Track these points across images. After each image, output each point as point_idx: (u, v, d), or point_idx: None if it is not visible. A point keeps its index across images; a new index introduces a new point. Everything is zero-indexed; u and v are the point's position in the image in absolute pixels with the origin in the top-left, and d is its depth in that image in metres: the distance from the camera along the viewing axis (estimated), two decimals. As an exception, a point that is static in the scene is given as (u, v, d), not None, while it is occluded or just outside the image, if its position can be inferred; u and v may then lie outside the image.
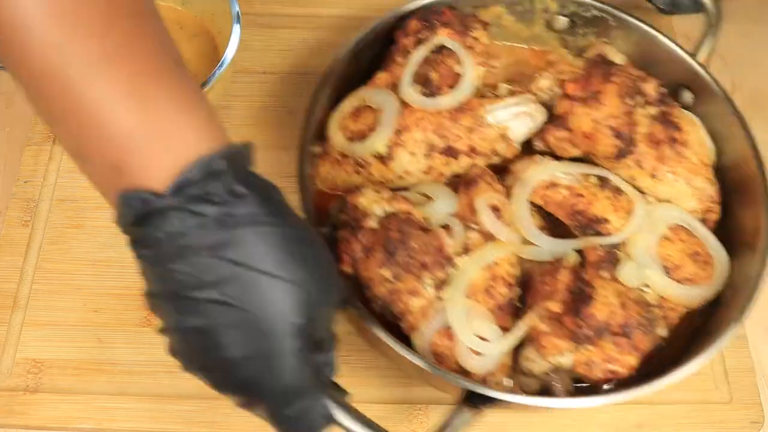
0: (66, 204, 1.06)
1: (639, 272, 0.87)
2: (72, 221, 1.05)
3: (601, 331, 0.81)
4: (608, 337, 0.81)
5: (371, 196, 0.89)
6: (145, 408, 0.93)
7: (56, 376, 0.94)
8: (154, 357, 0.95)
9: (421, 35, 0.99)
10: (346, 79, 1.00)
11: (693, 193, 0.94)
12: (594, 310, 0.81)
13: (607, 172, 0.95)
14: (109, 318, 0.98)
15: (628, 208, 0.92)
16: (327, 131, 0.98)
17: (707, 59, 1.04)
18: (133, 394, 0.93)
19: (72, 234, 1.04)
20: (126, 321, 0.98)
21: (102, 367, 0.95)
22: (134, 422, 0.92)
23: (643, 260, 0.88)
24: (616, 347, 0.81)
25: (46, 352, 0.96)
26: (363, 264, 0.85)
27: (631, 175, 0.95)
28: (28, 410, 0.92)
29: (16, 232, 1.03)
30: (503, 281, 0.87)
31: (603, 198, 0.92)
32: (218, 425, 0.92)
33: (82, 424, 0.92)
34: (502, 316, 0.86)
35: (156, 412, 0.93)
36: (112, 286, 1.00)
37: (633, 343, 0.81)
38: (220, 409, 0.93)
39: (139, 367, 0.95)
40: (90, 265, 1.01)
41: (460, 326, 0.83)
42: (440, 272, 0.85)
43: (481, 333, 0.83)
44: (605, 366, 0.82)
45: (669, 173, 0.94)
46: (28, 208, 1.05)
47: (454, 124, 0.95)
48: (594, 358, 0.82)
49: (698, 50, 1.04)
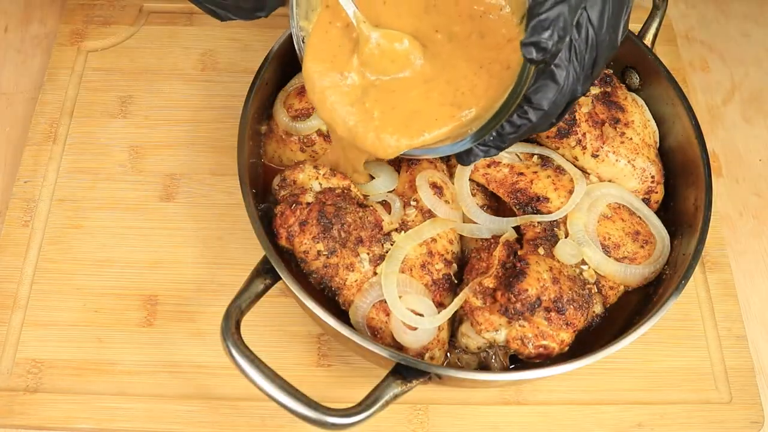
0: (66, 204, 1.06)
1: (576, 250, 0.88)
2: (72, 221, 1.05)
3: (533, 306, 0.81)
4: (540, 312, 0.81)
5: (309, 171, 0.91)
6: (145, 408, 0.93)
7: (56, 376, 0.94)
8: (154, 357, 0.95)
9: None
10: (296, 60, 1.00)
11: (634, 172, 0.95)
12: (526, 285, 0.81)
13: (549, 151, 0.96)
14: (109, 318, 0.98)
15: (570, 188, 0.92)
16: (272, 110, 0.99)
17: (653, 41, 1.04)
18: (133, 394, 0.94)
19: (72, 234, 1.04)
20: (126, 321, 0.98)
21: (102, 367, 0.95)
22: (134, 422, 0.92)
23: (581, 238, 0.89)
24: (548, 323, 0.82)
25: (46, 352, 0.96)
26: (298, 238, 0.86)
27: (574, 155, 0.96)
28: (28, 410, 0.92)
29: (16, 232, 1.03)
30: (440, 257, 0.88)
31: (544, 177, 0.93)
32: (218, 425, 0.92)
33: (82, 424, 0.92)
34: (438, 292, 0.87)
35: (156, 412, 0.93)
36: (112, 286, 1.00)
37: (565, 319, 0.82)
38: (220, 409, 0.93)
39: (139, 367, 0.95)
40: (90, 265, 1.02)
41: (394, 301, 0.84)
42: (377, 248, 0.87)
43: (415, 308, 0.84)
44: (538, 341, 0.82)
45: (611, 153, 0.95)
46: (28, 208, 1.05)
47: None
48: (527, 333, 0.82)
49: (645, 32, 1.04)
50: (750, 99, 1.24)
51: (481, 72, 0.80)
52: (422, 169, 0.93)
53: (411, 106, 0.83)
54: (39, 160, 1.09)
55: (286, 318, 0.99)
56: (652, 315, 0.83)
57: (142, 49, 1.19)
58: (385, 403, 0.77)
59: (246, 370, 0.75)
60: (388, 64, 0.83)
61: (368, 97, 0.84)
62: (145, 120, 1.13)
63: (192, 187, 1.08)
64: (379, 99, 0.83)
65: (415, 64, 0.83)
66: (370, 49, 0.82)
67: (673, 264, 0.91)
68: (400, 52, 0.82)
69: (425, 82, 0.83)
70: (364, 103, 0.83)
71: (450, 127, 0.81)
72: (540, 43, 0.65)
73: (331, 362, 0.97)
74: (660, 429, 0.95)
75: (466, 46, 0.81)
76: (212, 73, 1.18)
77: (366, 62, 0.83)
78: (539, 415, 0.95)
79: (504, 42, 0.79)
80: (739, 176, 1.17)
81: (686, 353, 1.00)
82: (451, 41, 0.82)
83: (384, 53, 0.83)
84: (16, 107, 1.16)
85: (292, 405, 0.73)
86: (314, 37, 0.86)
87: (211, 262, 1.02)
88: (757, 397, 0.97)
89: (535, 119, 0.74)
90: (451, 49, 0.82)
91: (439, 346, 0.86)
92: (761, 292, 1.07)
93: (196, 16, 1.23)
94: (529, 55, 0.66)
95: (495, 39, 0.79)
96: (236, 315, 0.78)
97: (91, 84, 1.16)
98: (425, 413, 0.94)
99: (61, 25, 1.21)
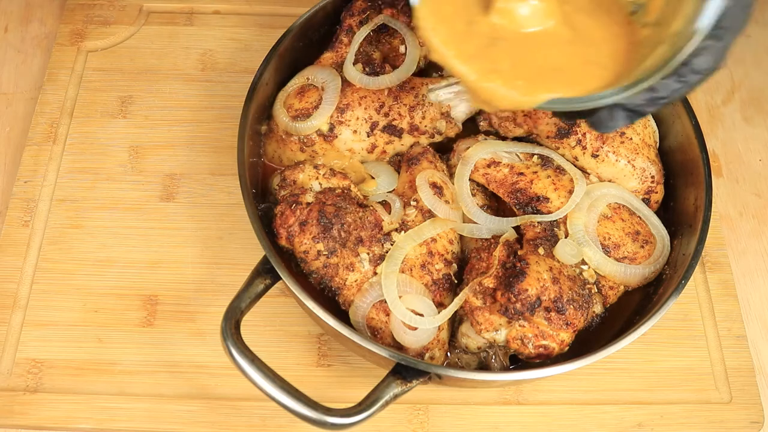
0: (66, 204, 1.06)
1: (576, 250, 0.88)
2: (72, 221, 1.05)
3: (533, 306, 0.81)
4: (540, 312, 0.81)
5: (309, 171, 0.91)
6: (145, 408, 0.93)
7: (56, 376, 0.94)
8: (154, 357, 0.95)
9: (366, 15, 1.01)
10: (296, 60, 1.01)
11: (634, 172, 0.96)
12: (526, 285, 0.81)
13: (549, 151, 0.96)
14: (109, 318, 0.98)
15: (570, 188, 0.92)
16: (272, 110, 0.99)
17: None
18: (133, 394, 0.94)
19: (72, 234, 1.04)
20: (126, 321, 0.98)
21: (102, 367, 0.95)
22: (134, 422, 0.92)
23: (581, 238, 0.89)
24: (548, 323, 0.82)
25: (46, 352, 0.96)
26: (298, 238, 0.86)
27: (574, 155, 0.96)
28: (28, 410, 0.92)
29: (16, 232, 1.03)
30: (440, 257, 0.88)
31: (544, 177, 0.93)
32: (218, 425, 0.92)
33: (82, 424, 0.92)
34: (438, 292, 0.87)
35: (156, 412, 0.93)
36: (112, 286, 1.00)
37: (565, 319, 0.82)
38: (220, 409, 0.93)
39: (139, 367, 0.95)
40: (90, 265, 1.02)
41: (394, 301, 0.84)
42: (377, 248, 0.87)
43: (415, 308, 0.84)
44: (538, 341, 0.82)
45: (611, 153, 0.95)
46: (28, 208, 1.05)
47: (396, 103, 0.96)
48: (527, 333, 0.82)
49: None
50: (750, 99, 1.24)
51: (618, 39, 0.78)
52: (422, 169, 0.93)
53: (549, 62, 0.79)
54: (39, 160, 1.09)
55: (286, 318, 0.99)
56: (652, 315, 0.83)
57: (142, 49, 1.19)
58: (385, 403, 0.77)
59: (246, 370, 0.75)
60: (522, 16, 0.78)
61: (497, 48, 0.79)
62: (145, 120, 1.13)
63: (192, 187, 1.08)
64: (510, 51, 0.79)
65: (549, 20, 0.79)
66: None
67: (673, 264, 0.91)
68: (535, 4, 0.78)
69: (563, 41, 0.79)
70: (493, 53, 0.78)
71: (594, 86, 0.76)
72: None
73: (331, 362, 0.97)
74: (660, 429, 0.95)
75: (598, 16, 0.79)
76: (212, 73, 1.18)
77: (501, 10, 0.79)
78: (539, 415, 0.95)
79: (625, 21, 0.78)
80: (739, 176, 1.17)
81: (686, 353, 0.99)
82: (580, 12, 0.80)
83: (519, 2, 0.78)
84: (16, 107, 1.16)
85: (292, 405, 0.73)
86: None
87: (211, 262, 1.02)
88: (757, 397, 0.97)
89: (695, 82, 0.72)
90: (584, 16, 0.80)
91: (439, 346, 0.86)
92: (761, 292, 1.07)
93: (196, 16, 1.23)
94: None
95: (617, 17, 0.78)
96: (236, 315, 0.78)
97: (91, 84, 1.16)
98: (425, 413, 0.94)
99: (61, 25, 1.21)
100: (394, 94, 0.96)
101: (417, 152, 0.96)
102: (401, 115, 0.96)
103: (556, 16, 0.79)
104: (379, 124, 0.96)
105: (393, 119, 0.96)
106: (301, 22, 1.01)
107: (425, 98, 0.97)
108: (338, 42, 1.01)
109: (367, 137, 0.96)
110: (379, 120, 0.96)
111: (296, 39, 1.00)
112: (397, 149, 0.98)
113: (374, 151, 0.97)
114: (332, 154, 0.97)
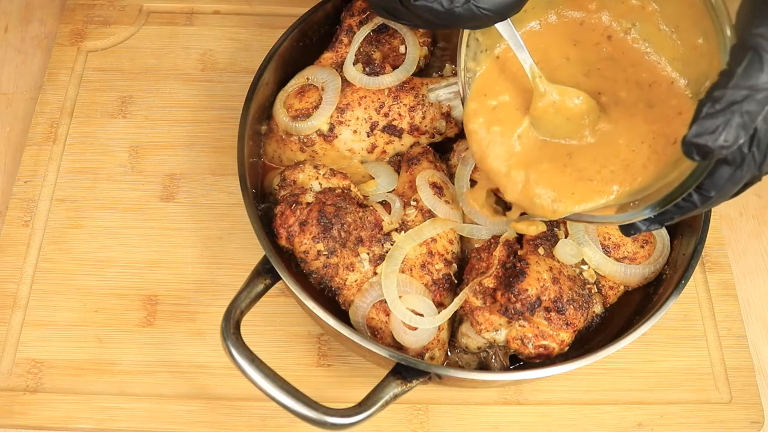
0: (66, 204, 1.06)
1: (576, 250, 0.88)
2: (72, 221, 1.05)
3: (533, 306, 0.81)
4: (540, 312, 0.81)
5: (309, 171, 0.91)
6: (145, 408, 0.93)
7: (56, 376, 0.94)
8: (154, 357, 0.95)
9: (366, 15, 1.01)
10: (296, 60, 1.01)
11: None
12: (526, 285, 0.81)
13: None
14: (109, 318, 0.98)
15: None
16: (272, 110, 0.99)
17: None
18: (133, 394, 0.94)
19: (72, 234, 1.04)
20: (126, 321, 0.98)
21: (102, 367, 0.95)
22: (134, 422, 0.92)
23: (581, 238, 0.89)
24: (548, 323, 0.82)
25: (46, 352, 0.96)
26: (298, 238, 0.86)
27: None
28: (28, 410, 0.92)
29: (16, 232, 1.03)
30: (440, 257, 0.88)
31: None
32: (218, 425, 0.92)
33: (82, 424, 0.92)
34: (438, 292, 0.87)
35: (156, 412, 0.93)
36: (112, 286, 1.00)
37: (565, 319, 0.82)
38: (220, 409, 0.93)
39: (139, 367, 0.95)
40: (90, 265, 1.02)
41: (394, 301, 0.84)
42: (377, 247, 0.87)
43: (415, 308, 0.84)
44: (538, 341, 0.82)
45: None
46: (28, 208, 1.05)
47: (396, 103, 0.96)
48: (527, 333, 0.82)
49: None
50: (750, 99, 1.24)
51: (642, 147, 0.76)
52: (422, 169, 0.94)
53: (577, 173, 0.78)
54: (39, 160, 1.09)
55: (286, 318, 0.99)
56: (652, 315, 0.83)
57: (142, 49, 1.19)
58: (385, 403, 0.77)
59: (246, 370, 0.75)
60: (562, 122, 0.79)
61: (533, 158, 0.79)
62: (145, 120, 1.13)
63: (192, 187, 1.08)
64: (545, 161, 0.79)
65: (587, 129, 0.78)
66: (545, 105, 0.78)
67: (673, 264, 0.90)
68: (574, 110, 0.78)
69: (591, 149, 0.78)
70: (528, 162, 0.79)
71: (611, 199, 0.77)
72: (703, 147, 0.57)
73: (331, 362, 0.97)
74: (660, 429, 0.95)
75: (632, 114, 0.77)
76: (212, 73, 1.18)
77: (538, 118, 0.79)
78: (539, 415, 0.95)
79: (674, 114, 0.74)
80: (739, 176, 1.17)
81: (686, 353, 0.99)
82: (618, 105, 0.78)
83: (559, 110, 0.78)
84: (16, 107, 1.16)
85: (292, 405, 0.73)
86: (481, 81, 0.82)
87: (211, 262, 1.02)
88: (757, 397, 0.97)
89: (699, 205, 0.68)
90: (615, 115, 0.78)
91: (439, 346, 0.86)
92: (761, 292, 1.07)
93: (196, 16, 1.23)
94: (689, 155, 0.58)
95: (663, 110, 0.75)
96: (236, 315, 0.78)
97: (91, 84, 1.16)
98: (425, 413, 0.94)
99: (61, 25, 1.21)
100: (394, 94, 0.96)
101: (417, 152, 0.96)
102: (401, 115, 0.96)
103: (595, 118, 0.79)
104: (379, 124, 0.96)
105: (393, 119, 0.96)
106: (301, 22, 1.01)
107: (425, 98, 0.97)
108: (338, 42, 1.01)
109: (367, 137, 0.96)
110: (379, 120, 0.96)
111: (296, 39, 1.01)
112: (397, 149, 0.98)
113: (374, 151, 0.97)
114: (332, 154, 0.97)
